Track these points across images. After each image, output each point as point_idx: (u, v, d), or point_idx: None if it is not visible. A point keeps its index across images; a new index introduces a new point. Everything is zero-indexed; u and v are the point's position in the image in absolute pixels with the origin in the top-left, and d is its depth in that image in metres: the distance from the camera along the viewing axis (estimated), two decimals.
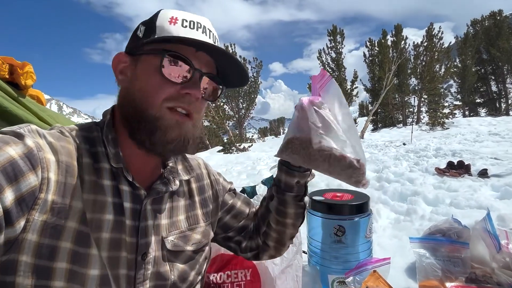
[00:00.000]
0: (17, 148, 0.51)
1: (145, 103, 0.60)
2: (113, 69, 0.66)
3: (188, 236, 0.73)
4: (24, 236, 0.50)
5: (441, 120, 17.17)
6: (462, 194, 3.56)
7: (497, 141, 8.92)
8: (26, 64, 1.08)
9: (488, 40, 26.61)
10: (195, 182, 0.82)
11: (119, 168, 0.62)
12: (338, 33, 22.96)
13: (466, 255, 1.62)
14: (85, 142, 0.63)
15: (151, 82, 0.61)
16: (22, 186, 0.49)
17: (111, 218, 0.60)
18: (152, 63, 0.61)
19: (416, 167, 5.75)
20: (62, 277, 0.53)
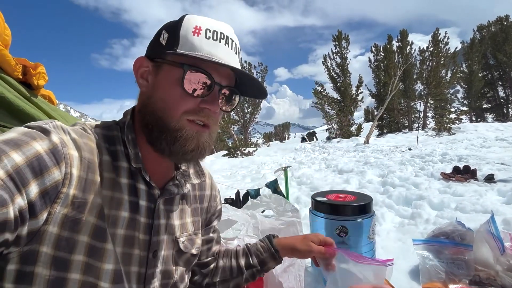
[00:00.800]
0: (43, 143, 0.53)
1: (166, 114, 0.62)
2: (134, 72, 0.67)
3: (193, 240, 0.78)
4: (45, 228, 0.52)
5: (447, 126, 17.02)
6: (468, 199, 3.53)
7: (504, 147, 8.82)
8: (38, 65, 1.12)
9: (494, 45, 26.40)
10: (198, 190, 0.85)
11: (138, 168, 0.65)
12: (343, 39, 23.00)
13: (470, 257, 1.61)
14: (105, 140, 0.65)
15: (172, 94, 0.62)
16: (46, 180, 0.51)
17: (127, 215, 0.63)
18: (174, 74, 0.63)
19: (422, 172, 5.71)
20: (79, 269, 0.55)
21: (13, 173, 0.48)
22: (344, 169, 7.08)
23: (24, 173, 0.49)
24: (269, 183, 3.51)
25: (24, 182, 0.49)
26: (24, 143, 0.51)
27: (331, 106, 22.96)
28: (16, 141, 0.51)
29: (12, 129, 0.54)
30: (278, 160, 11.25)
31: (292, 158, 11.36)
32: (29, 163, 0.50)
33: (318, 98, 23.07)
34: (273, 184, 3.48)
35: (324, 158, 10.08)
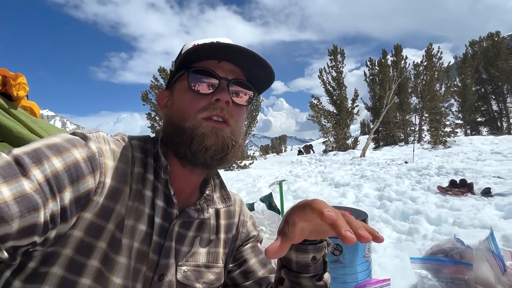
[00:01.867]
0: (82, 151, 0.56)
1: (181, 118, 0.65)
2: (159, 107, 0.73)
3: (202, 273, 0.71)
4: (72, 232, 0.54)
5: (443, 139, 17.14)
6: (466, 213, 3.48)
7: (500, 160, 8.85)
8: (19, 75, 1.08)
9: (487, 60, 26.96)
10: (225, 218, 0.80)
11: (159, 180, 0.65)
12: (339, 53, 23.38)
13: (470, 276, 1.55)
14: (141, 152, 0.67)
15: (184, 100, 0.66)
16: (81, 187, 0.53)
17: (144, 229, 0.62)
18: (183, 85, 0.67)
19: (418, 186, 5.68)
20: (91, 275, 0.55)
21: (51, 177, 0.50)
22: (340, 182, 7.02)
23: (61, 178, 0.51)
24: (264, 198, 3.44)
25: (60, 188, 0.50)
26: (65, 150, 0.54)
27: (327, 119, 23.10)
28: (59, 147, 0.53)
29: (57, 134, 0.57)
30: (274, 173, 11.18)
31: (288, 171, 11.29)
32: (67, 169, 0.52)
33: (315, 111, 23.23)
34: (267, 199, 3.41)
35: (321, 171, 10.03)
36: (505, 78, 25.73)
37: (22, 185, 0.46)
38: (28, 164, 0.48)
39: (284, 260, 0.69)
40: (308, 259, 0.65)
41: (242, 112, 0.71)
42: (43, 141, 0.54)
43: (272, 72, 0.69)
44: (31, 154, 0.50)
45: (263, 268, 0.79)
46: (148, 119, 19.85)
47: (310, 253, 0.65)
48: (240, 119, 0.70)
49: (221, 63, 0.66)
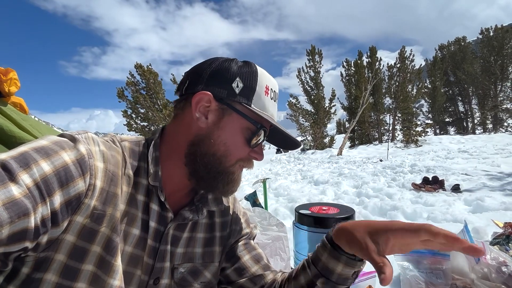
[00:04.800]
0: (71, 153, 0.54)
1: (226, 158, 0.65)
2: (193, 104, 0.66)
3: (199, 272, 0.72)
4: (64, 236, 0.53)
5: (415, 138, 17.90)
6: (438, 209, 3.69)
7: (466, 158, 9.41)
8: (9, 70, 1.04)
9: (454, 63, 28.50)
10: (219, 216, 0.79)
11: (155, 186, 0.64)
12: (317, 53, 23.79)
13: (447, 266, 1.66)
14: (131, 155, 0.65)
15: (236, 141, 0.66)
16: (71, 191, 0.52)
17: (137, 233, 0.61)
18: (241, 124, 0.66)
19: (394, 183, 5.93)
20: (86, 279, 0.54)
21: (40, 182, 0.48)
22: (320, 180, 7.18)
23: (51, 182, 0.49)
24: (248, 196, 3.47)
25: (49, 192, 0.49)
26: (54, 153, 0.52)
27: (305, 118, 23.48)
28: (47, 150, 0.52)
29: (44, 137, 0.56)
30: (254, 171, 11.23)
31: (268, 170, 11.39)
32: (56, 173, 0.50)
33: (293, 110, 23.54)
34: (252, 197, 3.44)
35: (300, 170, 10.19)
36: (470, 81, 27.32)
37: (10, 190, 0.45)
38: (15, 168, 0.47)
39: (323, 270, 0.68)
40: (351, 273, 0.66)
41: None
42: (30, 145, 0.52)
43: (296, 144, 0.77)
44: (18, 158, 0.49)
45: (256, 264, 0.80)
46: (124, 116, 19.24)
47: (356, 267, 0.65)
48: None
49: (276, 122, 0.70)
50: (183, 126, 0.68)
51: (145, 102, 18.91)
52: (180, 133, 0.68)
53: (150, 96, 19.35)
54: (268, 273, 0.79)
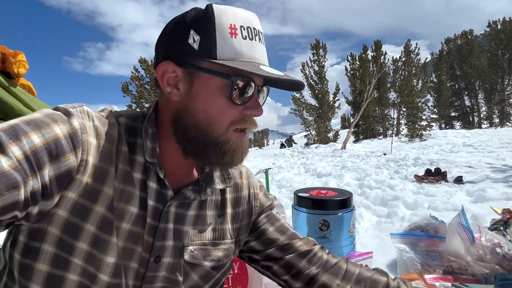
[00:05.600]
0: (64, 127, 0.53)
1: (212, 127, 0.59)
2: (159, 78, 0.61)
3: (209, 251, 0.69)
4: (56, 210, 0.52)
5: (419, 132, 17.77)
6: (440, 199, 3.71)
7: (470, 152, 9.34)
8: (18, 52, 1.08)
9: (460, 57, 28.11)
10: (232, 192, 0.76)
11: (153, 163, 0.61)
12: (321, 47, 23.61)
13: (443, 248, 1.69)
14: (127, 131, 0.62)
15: (217, 105, 0.58)
16: (62, 165, 0.51)
17: (135, 211, 0.60)
18: (215, 83, 0.58)
19: (396, 175, 5.93)
20: (81, 257, 0.55)
21: (30, 154, 0.48)
22: (322, 173, 7.20)
23: (41, 155, 0.49)
24: None
25: (40, 165, 0.49)
26: (45, 125, 0.51)
27: (309, 113, 23.41)
28: (38, 122, 0.51)
29: (39, 110, 0.55)
30: (258, 165, 11.27)
31: (271, 163, 11.42)
32: (47, 145, 0.50)
33: (297, 105, 23.48)
34: None
35: (303, 163, 10.21)
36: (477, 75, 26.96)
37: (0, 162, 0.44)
38: (5, 141, 0.46)
39: None
40: None
41: None
42: (22, 117, 0.51)
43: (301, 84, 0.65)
44: (8, 130, 0.48)
45: (282, 235, 0.78)
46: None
47: None
48: None
49: (263, 66, 0.59)
50: (164, 104, 0.64)
51: (149, 96, 19.01)
52: (164, 111, 0.64)
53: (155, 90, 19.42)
54: (296, 241, 0.78)
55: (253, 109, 0.61)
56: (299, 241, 0.78)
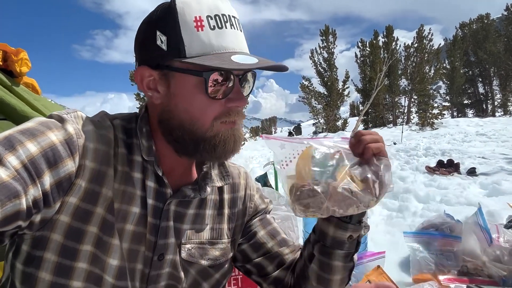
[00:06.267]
0: (59, 134, 0.53)
1: (196, 125, 0.58)
2: (138, 84, 0.61)
3: (206, 250, 0.70)
4: (58, 216, 0.53)
5: (431, 121, 17.47)
6: (452, 192, 3.63)
7: (484, 141, 9.13)
8: (20, 50, 1.05)
9: (475, 42, 27.21)
10: (229, 192, 0.77)
11: (150, 161, 0.62)
12: (330, 33, 23.14)
13: (459, 248, 1.65)
14: (123, 133, 0.63)
15: (196, 103, 0.58)
16: (60, 171, 0.51)
17: (137, 211, 0.60)
18: (190, 81, 0.57)
19: (407, 166, 5.84)
20: (86, 259, 0.55)
21: (28, 163, 0.48)
22: None
23: (39, 163, 0.49)
24: (259, 177, 3.49)
25: (38, 173, 0.49)
26: (40, 133, 0.51)
27: (318, 101, 23.16)
28: (32, 131, 0.51)
29: (32, 119, 0.55)
30: (266, 154, 11.26)
31: None
32: (44, 153, 0.50)
33: (305, 93, 23.25)
34: (263, 179, 3.46)
35: None
36: (492, 61, 26.12)
37: None
38: (0, 152, 0.46)
39: (319, 234, 0.69)
40: (345, 236, 0.66)
41: None
42: (15, 128, 0.52)
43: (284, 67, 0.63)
44: (3, 141, 0.48)
45: (272, 239, 0.78)
46: (137, 99, 19.48)
47: (348, 231, 0.66)
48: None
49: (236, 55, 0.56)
50: (150, 106, 0.65)
51: None
52: (152, 113, 0.65)
53: None
54: (284, 249, 0.77)
55: (235, 100, 0.60)
56: (286, 249, 0.78)
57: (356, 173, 0.60)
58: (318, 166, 0.61)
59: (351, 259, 0.70)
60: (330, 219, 0.67)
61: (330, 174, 0.60)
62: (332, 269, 0.69)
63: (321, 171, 0.61)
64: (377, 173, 0.59)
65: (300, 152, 0.63)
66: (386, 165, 0.61)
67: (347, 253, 0.68)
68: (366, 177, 0.59)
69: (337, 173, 0.60)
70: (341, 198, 0.58)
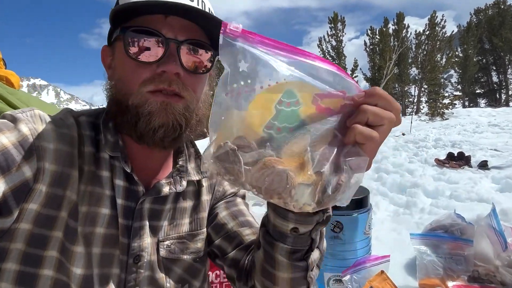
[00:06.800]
0: (11, 135, 0.48)
1: (123, 92, 0.56)
2: (104, 67, 0.61)
3: (187, 244, 0.66)
4: (17, 225, 0.49)
5: (441, 111, 17.08)
6: (463, 187, 3.50)
7: (496, 132, 8.87)
8: None
9: (491, 29, 26.31)
10: (207, 180, 0.73)
11: (117, 157, 0.58)
12: (339, 21, 22.64)
13: (470, 252, 1.54)
14: (91, 129, 0.59)
15: (125, 68, 0.55)
16: (15, 177, 0.47)
17: (107, 212, 0.57)
18: (121, 47, 0.55)
19: (415, 158, 5.70)
20: (52, 265, 0.52)
21: None
22: None
23: None
24: None
25: None
26: None
27: None
28: None
29: None
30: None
31: None
32: None
33: None
34: None
35: None
36: (508, 48, 25.29)
37: None
38: None
39: (265, 216, 0.57)
40: (287, 227, 0.52)
41: (200, 80, 0.60)
42: None
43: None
44: None
45: (233, 220, 0.70)
46: None
47: (290, 222, 0.51)
48: (199, 89, 0.59)
49: (168, 18, 0.54)
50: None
51: None
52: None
53: None
54: (244, 230, 0.68)
55: (164, 65, 0.53)
56: (247, 230, 0.69)
57: (313, 158, 0.41)
58: (280, 120, 0.41)
59: (303, 259, 0.54)
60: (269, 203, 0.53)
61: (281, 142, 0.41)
62: (276, 263, 0.55)
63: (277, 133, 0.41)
64: (339, 175, 0.41)
65: (272, 85, 0.41)
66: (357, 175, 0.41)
67: (293, 249, 0.53)
68: (320, 173, 0.40)
69: (290, 145, 0.41)
70: (268, 184, 0.40)
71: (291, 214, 0.50)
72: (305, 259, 0.54)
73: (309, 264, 0.55)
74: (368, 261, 1.42)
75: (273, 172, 0.40)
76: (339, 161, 0.41)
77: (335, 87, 0.42)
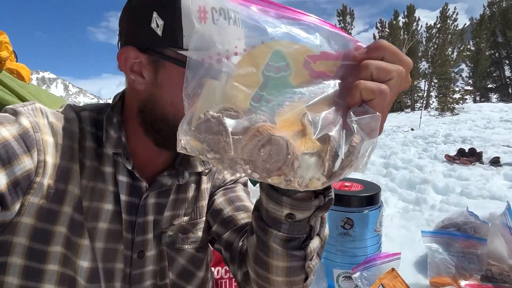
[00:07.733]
0: (12, 128, 0.49)
1: (172, 115, 0.54)
2: (121, 65, 0.55)
3: (188, 232, 0.67)
4: (19, 219, 0.50)
5: (451, 106, 16.80)
6: (474, 183, 3.44)
7: (509, 128, 8.71)
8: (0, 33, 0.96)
9: (504, 22, 25.61)
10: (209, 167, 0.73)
11: (118, 153, 0.58)
12: (348, 14, 22.34)
13: (483, 251, 1.51)
14: (92, 125, 0.59)
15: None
16: (16, 170, 0.47)
17: (110, 208, 0.57)
18: (183, 75, 0.49)
19: (425, 154, 5.62)
20: (57, 260, 0.52)
21: None
22: None
23: None
24: None
25: None
26: None
27: None
28: None
29: None
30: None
31: None
32: None
33: None
34: None
35: None
36: None
37: None
38: None
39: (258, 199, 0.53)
40: (281, 213, 0.48)
41: None
42: None
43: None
44: None
45: (229, 205, 0.69)
46: None
47: (284, 207, 0.47)
48: None
49: None
50: (130, 92, 0.59)
51: None
52: (131, 100, 0.60)
53: None
54: (240, 214, 0.67)
55: None
56: (243, 214, 0.67)
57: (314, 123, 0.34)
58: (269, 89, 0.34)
59: (301, 248, 0.50)
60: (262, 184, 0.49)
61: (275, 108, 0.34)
62: (270, 250, 0.51)
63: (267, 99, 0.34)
64: (350, 137, 0.34)
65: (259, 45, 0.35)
66: (371, 130, 0.35)
67: (289, 237, 0.49)
68: (327, 137, 0.34)
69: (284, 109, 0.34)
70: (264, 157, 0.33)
71: (285, 198, 0.46)
72: (303, 248, 0.50)
73: (308, 253, 0.51)
74: (379, 258, 1.40)
75: (269, 141, 0.32)
76: (346, 124, 0.35)
77: (331, 46, 0.37)
